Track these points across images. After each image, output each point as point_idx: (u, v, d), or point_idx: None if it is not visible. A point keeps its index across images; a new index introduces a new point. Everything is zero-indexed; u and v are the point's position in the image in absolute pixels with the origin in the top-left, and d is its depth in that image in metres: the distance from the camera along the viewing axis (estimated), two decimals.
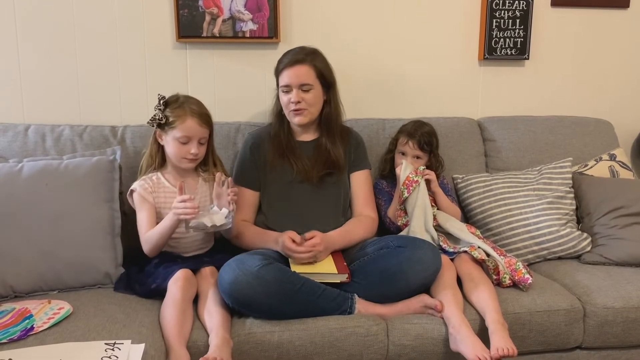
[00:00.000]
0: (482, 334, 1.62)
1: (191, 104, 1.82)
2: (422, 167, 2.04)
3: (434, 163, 2.13)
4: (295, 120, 1.97)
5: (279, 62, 1.97)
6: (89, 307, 1.59)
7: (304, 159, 1.98)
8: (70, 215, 1.75)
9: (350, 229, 1.94)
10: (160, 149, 1.87)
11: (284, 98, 1.96)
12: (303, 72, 1.92)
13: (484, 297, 1.70)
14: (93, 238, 1.77)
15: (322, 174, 1.97)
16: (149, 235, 1.76)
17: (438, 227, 2.00)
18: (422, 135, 2.08)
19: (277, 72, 1.98)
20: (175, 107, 1.79)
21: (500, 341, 1.56)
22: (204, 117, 1.82)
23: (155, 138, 1.86)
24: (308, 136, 2.04)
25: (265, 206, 1.98)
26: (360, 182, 2.04)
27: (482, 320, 1.67)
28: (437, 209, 2.06)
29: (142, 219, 1.80)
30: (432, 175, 2.04)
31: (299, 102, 1.92)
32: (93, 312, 1.56)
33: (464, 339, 1.57)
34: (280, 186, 1.91)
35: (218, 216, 1.70)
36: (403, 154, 2.10)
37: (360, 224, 1.97)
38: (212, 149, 1.92)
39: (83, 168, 1.84)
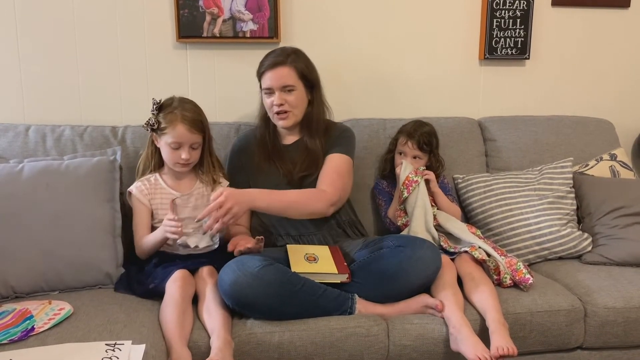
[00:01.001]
0: (483, 334, 1.62)
1: (184, 109, 1.79)
2: (422, 167, 2.04)
3: (434, 163, 2.13)
4: (279, 124, 1.97)
5: (260, 64, 1.96)
6: (90, 307, 1.59)
7: (287, 162, 1.98)
8: (71, 216, 1.75)
9: (281, 191, 1.84)
10: (157, 150, 1.87)
11: (267, 100, 1.96)
12: (284, 74, 1.90)
13: (485, 296, 1.70)
14: (94, 238, 1.77)
15: (301, 176, 1.95)
16: (142, 242, 1.82)
17: (439, 227, 1.99)
18: (422, 135, 2.08)
19: (259, 75, 1.96)
20: (167, 112, 1.78)
21: (501, 340, 1.56)
22: (195, 123, 1.79)
23: (152, 140, 1.86)
24: (292, 138, 2.03)
25: None
26: (327, 163, 1.95)
27: (483, 320, 1.66)
28: (437, 208, 2.06)
29: (137, 222, 1.85)
30: (431, 175, 2.04)
31: (281, 104, 1.91)
32: (94, 313, 1.56)
33: (464, 339, 1.57)
34: (269, 188, 1.89)
35: (204, 238, 1.74)
36: (402, 154, 2.10)
37: (299, 191, 1.88)
38: (210, 151, 1.91)
39: (84, 168, 1.84)
